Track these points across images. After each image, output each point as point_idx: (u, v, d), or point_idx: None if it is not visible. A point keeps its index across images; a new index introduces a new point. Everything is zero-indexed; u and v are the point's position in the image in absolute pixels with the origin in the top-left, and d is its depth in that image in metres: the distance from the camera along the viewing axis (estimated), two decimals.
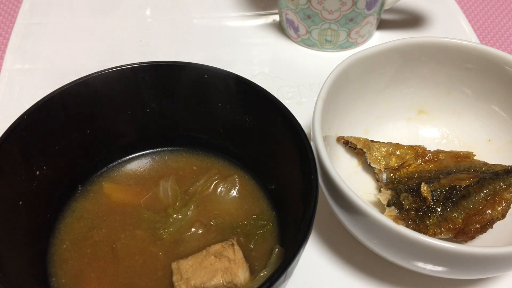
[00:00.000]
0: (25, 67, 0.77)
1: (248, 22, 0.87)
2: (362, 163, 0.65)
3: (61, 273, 0.52)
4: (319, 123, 0.55)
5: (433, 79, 0.66)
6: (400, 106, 0.68)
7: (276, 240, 0.54)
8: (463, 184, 0.56)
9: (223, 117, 0.58)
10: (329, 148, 0.59)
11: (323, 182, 0.53)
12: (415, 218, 0.55)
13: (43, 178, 0.53)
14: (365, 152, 0.62)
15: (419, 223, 0.55)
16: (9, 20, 0.88)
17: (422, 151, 0.63)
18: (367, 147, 0.62)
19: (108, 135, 0.59)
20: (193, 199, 0.57)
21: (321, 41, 0.80)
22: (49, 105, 0.52)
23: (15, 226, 0.50)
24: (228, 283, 0.50)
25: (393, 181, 0.61)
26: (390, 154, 0.62)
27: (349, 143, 0.63)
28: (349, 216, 0.51)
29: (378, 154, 0.62)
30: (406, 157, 0.62)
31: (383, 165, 0.62)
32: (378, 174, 0.62)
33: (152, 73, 0.56)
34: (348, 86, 0.62)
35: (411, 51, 0.63)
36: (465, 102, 0.66)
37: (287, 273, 0.43)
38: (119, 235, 0.55)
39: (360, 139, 0.63)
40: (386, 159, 0.62)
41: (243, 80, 0.55)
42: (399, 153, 0.62)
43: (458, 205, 0.55)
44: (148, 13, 0.88)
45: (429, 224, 0.54)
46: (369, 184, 0.63)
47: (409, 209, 0.55)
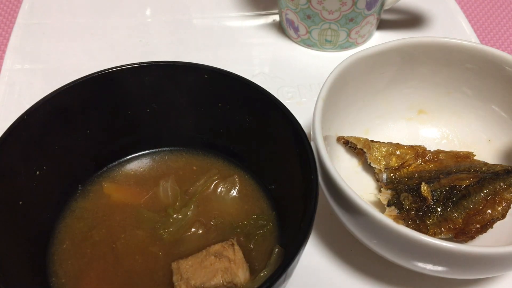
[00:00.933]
0: (25, 67, 0.77)
1: (248, 22, 0.87)
2: (362, 163, 0.65)
3: (61, 273, 0.52)
4: (319, 123, 0.55)
5: (433, 79, 0.66)
6: (400, 106, 0.68)
7: (276, 240, 0.54)
8: (463, 184, 0.56)
9: (223, 117, 0.58)
10: (329, 148, 0.59)
11: (323, 182, 0.53)
12: (415, 218, 0.55)
13: (43, 178, 0.53)
14: (365, 152, 0.62)
15: (419, 223, 0.55)
16: (9, 20, 0.88)
17: (422, 151, 0.63)
18: (367, 147, 0.62)
19: (108, 135, 0.59)
20: (193, 199, 0.57)
21: (321, 41, 0.80)
22: (49, 105, 0.52)
23: (15, 226, 0.50)
24: (228, 283, 0.50)
25: (393, 181, 0.61)
26: (390, 154, 0.62)
27: (349, 143, 0.63)
28: (349, 216, 0.51)
29: (378, 154, 0.62)
30: (406, 157, 0.62)
31: (383, 165, 0.62)
32: (378, 174, 0.62)
33: (152, 73, 0.56)
34: (348, 86, 0.62)
35: (411, 51, 0.63)
36: (465, 102, 0.66)
37: (287, 273, 0.43)
38: (119, 235, 0.55)
39: (360, 139, 0.63)
40: (386, 159, 0.62)
41: (243, 80, 0.55)
42: (399, 153, 0.62)
43: (458, 205, 0.55)
44: (148, 13, 0.88)
45: (429, 224, 0.54)
46: (369, 184, 0.63)
47: (409, 209, 0.55)
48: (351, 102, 0.64)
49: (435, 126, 0.68)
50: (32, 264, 0.51)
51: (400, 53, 0.63)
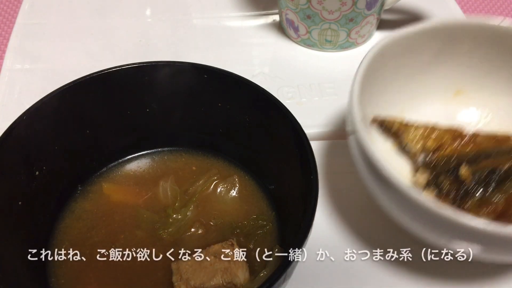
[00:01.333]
0: (25, 67, 0.77)
1: (248, 22, 0.87)
2: (397, 146, 0.63)
3: (60, 274, 0.52)
4: (357, 103, 0.52)
5: (472, 59, 0.63)
6: (438, 86, 0.65)
7: (276, 240, 0.54)
8: (503, 166, 0.54)
9: (223, 117, 0.58)
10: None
11: (363, 162, 0.51)
12: (454, 200, 0.53)
13: (42, 178, 0.53)
14: (401, 134, 0.61)
15: (458, 206, 0.53)
16: (9, 20, 0.88)
17: (459, 133, 0.60)
18: (403, 129, 0.60)
19: (108, 135, 0.59)
20: (193, 199, 0.57)
21: (321, 41, 0.80)
22: (49, 105, 0.52)
23: (14, 226, 0.49)
24: (228, 283, 0.50)
25: (430, 163, 0.59)
26: (427, 136, 0.60)
27: (384, 124, 0.61)
28: (391, 199, 0.50)
29: (415, 136, 0.60)
30: (443, 139, 0.60)
31: (420, 147, 0.60)
32: (414, 157, 0.60)
33: (152, 73, 0.56)
34: (385, 66, 0.59)
35: (450, 31, 0.61)
36: (505, 83, 0.64)
37: (287, 273, 0.43)
38: (118, 236, 0.55)
39: (396, 120, 0.61)
40: (422, 141, 0.60)
41: (243, 80, 0.55)
42: (436, 135, 0.60)
43: (499, 188, 0.53)
44: (148, 13, 0.88)
45: (468, 207, 0.53)
46: (404, 168, 0.61)
47: (448, 192, 0.54)
48: (387, 83, 0.62)
49: (473, 107, 0.66)
50: (32, 265, 0.50)
51: (438, 34, 0.61)
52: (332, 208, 0.61)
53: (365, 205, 0.62)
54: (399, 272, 0.56)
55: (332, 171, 0.65)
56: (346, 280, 0.57)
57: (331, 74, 0.77)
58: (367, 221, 0.60)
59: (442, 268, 0.56)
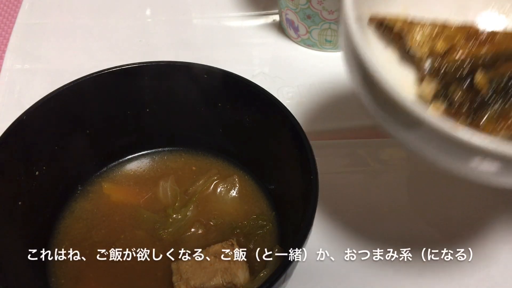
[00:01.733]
0: (25, 67, 0.77)
1: (248, 22, 0.87)
2: (399, 51, 0.52)
3: (60, 274, 0.52)
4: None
5: None
6: None
7: (276, 240, 0.54)
8: None
9: (223, 117, 0.58)
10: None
11: (357, 73, 0.44)
12: (468, 114, 0.45)
13: (42, 178, 0.53)
14: (404, 36, 0.50)
15: (472, 120, 0.45)
16: (9, 20, 0.88)
17: (475, 30, 0.50)
18: (407, 28, 0.50)
19: (108, 135, 0.59)
20: (193, 199, 0.57)
21: (321, 41, 0.80)
22: (49, 105, 0.52)
23: (14, 226, 0.50)
24: (228, 283, 0.50)
25: (439, 69, 0.49)
26: (435, 36, 0.50)
27: (385, 23, 0.51)
28: (393, 119, 0.43)
29: (420, 37, 0.50)
30: (454, 39, 0.49)
31: (427, 50, 0.50)
32: (420, 62, 0.50)
33: (152, 73, 0.56)
34: None
35: None
36: None
37: (287, 273, 0.43)
38: (118, 236, 0.55)
39: (398, 19, 0.50)
40: (430, 42, 0.50)
41: (243, 80, 0.55)
42: (447, 35, 0.50)
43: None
44: (148, 13, 0.88)
45: (485, 120, 0.45)
46: (408, 80, 0.51)
47: (460, 104, 0.46)
48: None
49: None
50: (32, 265, 0.50)
51: None
52: (332, 208, 0.61)
53: (365, 205, 0.62)
54: (399, 272, 0.56)
55: (332, 171, 0.65)
56: (346, 280, 0.57)
57: (331, 74, 0.77)
58: (367, 221, 0.60)
59: (442, 268, 0.56)
